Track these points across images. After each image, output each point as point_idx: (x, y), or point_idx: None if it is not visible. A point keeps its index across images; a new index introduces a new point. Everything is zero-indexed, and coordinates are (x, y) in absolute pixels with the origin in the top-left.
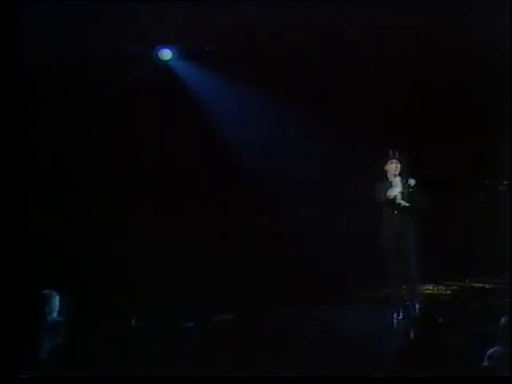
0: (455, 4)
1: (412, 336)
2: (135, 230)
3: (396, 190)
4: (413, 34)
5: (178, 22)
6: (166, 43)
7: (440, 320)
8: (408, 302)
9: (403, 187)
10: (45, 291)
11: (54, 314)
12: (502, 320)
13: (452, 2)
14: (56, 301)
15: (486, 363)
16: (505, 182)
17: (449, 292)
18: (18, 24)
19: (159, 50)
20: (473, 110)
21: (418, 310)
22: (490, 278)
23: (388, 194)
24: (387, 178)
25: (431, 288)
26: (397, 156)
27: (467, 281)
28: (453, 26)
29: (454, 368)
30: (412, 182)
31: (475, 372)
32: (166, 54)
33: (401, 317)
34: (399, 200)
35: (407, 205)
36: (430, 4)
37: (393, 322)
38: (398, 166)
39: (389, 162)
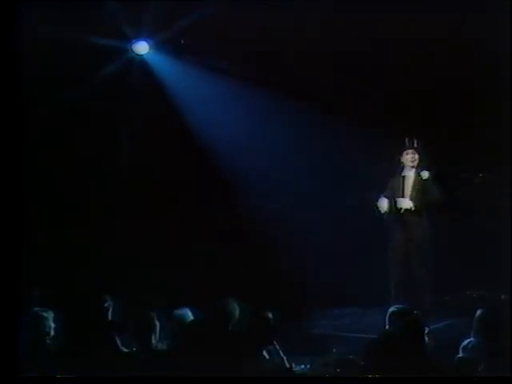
0: (455, 3)
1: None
2: (113, 229)
3: (407, 185)
4: (413, 32)
5: (156, 14)
6: (142, 36)
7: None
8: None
9: (415, 181)
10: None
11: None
12: (478, 312)
13: (452, 2)
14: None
15: (460, 354)
16: None
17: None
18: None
19: (135, 42)
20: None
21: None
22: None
23: (396, 190)
24: (400, 172)
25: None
26: (414, 145)
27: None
28: (452, 25)
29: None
30: (425, 174)
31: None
32: (142, 47)
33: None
34: (407, 197)
35: (411, 205)
36: (430, 3)
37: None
38: (416, 156)
39: (404, 153)
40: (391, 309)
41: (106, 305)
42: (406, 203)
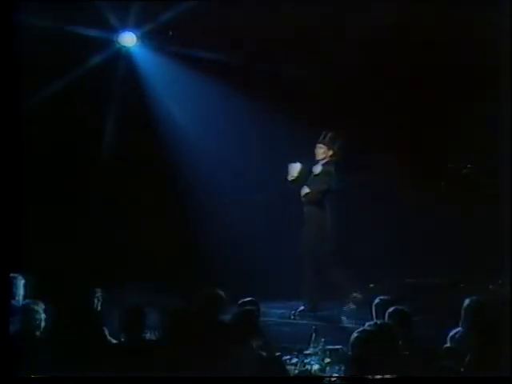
0: (455, 3)
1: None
2: (102, 219)
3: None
4: (412, 31)
5: (143, 6)
6: (129, 27)
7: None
8: None
9: (306, 175)
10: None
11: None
12: (466, 302)
13: (452, 2)
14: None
15: (448, 344)
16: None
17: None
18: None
19: (121, 34)
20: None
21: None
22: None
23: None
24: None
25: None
26: (326, 140)
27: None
28: (452, 24)
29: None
30: (317, 169)
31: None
32: (130, 38)
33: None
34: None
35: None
36: (430, 3)
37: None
38: (320, 151)
39: (317, 146)
40: (376, 300)
41: (95, 296)
42: (304, 190)
